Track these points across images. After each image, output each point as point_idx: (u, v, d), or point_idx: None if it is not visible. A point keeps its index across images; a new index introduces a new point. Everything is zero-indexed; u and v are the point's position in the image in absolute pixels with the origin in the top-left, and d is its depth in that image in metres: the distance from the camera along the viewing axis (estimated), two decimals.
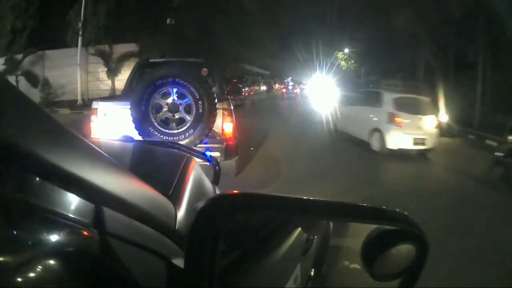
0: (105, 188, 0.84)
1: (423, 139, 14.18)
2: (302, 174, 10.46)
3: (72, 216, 0.77)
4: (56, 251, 0.73)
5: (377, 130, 14.75)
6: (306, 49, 76.95)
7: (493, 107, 26.32)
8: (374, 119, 15.14)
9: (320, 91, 30.34)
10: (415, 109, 14.66)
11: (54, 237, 0.73)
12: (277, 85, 74.43)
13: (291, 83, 77.62)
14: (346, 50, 56.93)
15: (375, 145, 14.76)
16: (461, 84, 29.84)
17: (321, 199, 1.20)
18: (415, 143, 14.09)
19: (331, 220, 1.36)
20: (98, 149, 0.93)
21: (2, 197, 0.67)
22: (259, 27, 49.41)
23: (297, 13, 57.01)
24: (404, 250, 1.23)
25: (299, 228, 1.31)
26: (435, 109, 17.37)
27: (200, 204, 1.06)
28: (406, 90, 16.98)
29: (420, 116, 14.53)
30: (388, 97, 15.08)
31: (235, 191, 1.15)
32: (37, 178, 0.72)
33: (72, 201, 0.79)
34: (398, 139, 14.08)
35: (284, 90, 64.98)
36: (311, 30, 71.96)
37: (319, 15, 62.69)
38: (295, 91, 60.77)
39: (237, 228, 1.15)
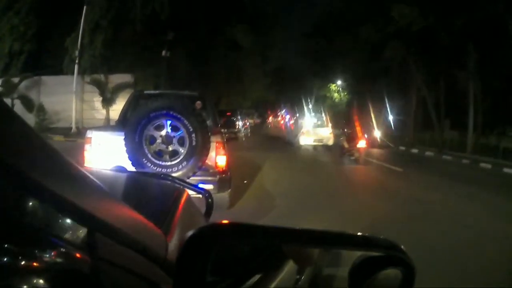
0: (98, 214, 0.87)
1: (320, 140, 28.55)
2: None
3: (65, 237, 0.80)
4: (46, 270, 0.75)
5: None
6: (299, 82, 77.68)
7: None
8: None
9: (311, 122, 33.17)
10: (318, 126, 30.33)
11: (45, 256, 0.75)
12: (271, 117, 74.55)
13: (287, 116, 77.63)
14: (339, 82, 57.40)
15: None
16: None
17: (307, 228, 1.24)
18: (314, 141, 28.47)
19: (317, 248, 1.39)
20: (92, 177, 0.97)
21: None
22: (252, 61, 49.78)
23: (289, 47, 57.60)
24: (391, 275, 1.26)
25: (290, 260, 1.34)
26: (329, 126, 30.73)
27: (189, 233, 1.10)
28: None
29: (319, 129, 29.74)
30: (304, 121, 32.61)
31: (224, 221, 1.18)
32: (32, 199, 0.74)
33: (66, 224, 0.81)
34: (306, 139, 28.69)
35: (282, 122, 64.18)
36: (303, 63, 72.65)
37: (311, 49, 63.30)
38: (290, 123, 60.71)
39: (227, 258, 1.18)
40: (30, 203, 0.74)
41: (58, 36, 29.46)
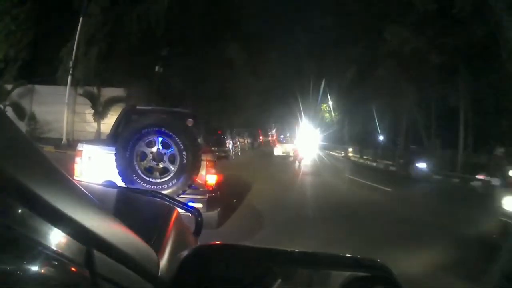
0: (94, 229, 0.89)
1: (285, 151, 39.56)
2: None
3: (61, 251, 0.80)
4: (42, 283, 0.76)
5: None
6: (290, 102, 77.69)
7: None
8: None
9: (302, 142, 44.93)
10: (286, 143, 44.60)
11: (42, 269, 0.75)
12: (261, 137, 74.35)
13: (281, 136, 77.70)
14: (330, 102, 57.62)
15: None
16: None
17: (297, 250, 1.27)
18: (282, 153, 39.34)
19: (306, 269, 1.41)
20: (86, 192, 1.00)
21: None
22: (245, 80, 49.79)
23: (282, 67, 57.95)
24: None
25: (279, 279, 1.36)
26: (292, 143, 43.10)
27: (184, 254, 1.13)
28: None
29: (287, 145, 42.39)
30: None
31: (217, 242, 1.21)
32: (33, 214, 0.76)
33: (62, 238, 0.82)
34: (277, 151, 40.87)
35: (272, 142, 63.70)
36: (296, 84, 72.79)
37: (303, 69, 63.52)
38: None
39: (219, 278, 1.21)
40: (26, 215, 0.75)
41: (53, 45, 29.39)
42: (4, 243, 0.71)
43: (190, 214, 2.74)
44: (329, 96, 57.02)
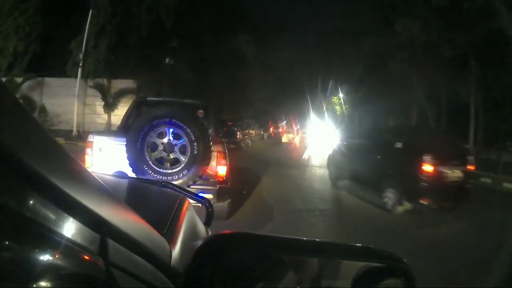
0: (108, 218, 0.89)
1: (290, 138, 55.13)
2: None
3: (75, 239, 0.80)
4: (56, 270, 0.75)
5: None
6: (300, 94, 77.52)
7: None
8: None
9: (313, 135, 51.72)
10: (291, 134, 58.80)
11: (55, 256, 0.75)
12: (272, 128, 74.30)
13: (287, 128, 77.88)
14: (341, 95, 57.43)
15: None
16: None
17: (312, 239, 1.26)
18: (287, 140, 54.44)
19: (320, 259, 1.40)
20: (100, 181, 0.99)
21: (12, 215, 0.70)
22: (255, 72, 49.77)
23: (293, 59, 58.12)
24: (392, 285, 1.29)
25: (290, 271, 1.35)
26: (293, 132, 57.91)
27: (198, 243, 1.11)
28: None
29: (290, 135, 58.09)
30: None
31: (230, 231, 1.20)
32: (47, 202, 0.75)
33: (76, 227, 0.82)
34: (284, 139, 54.81)
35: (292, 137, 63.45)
36: (306, 75, 72.60)
37: (314, 61, 63.28)
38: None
39: (231, 269, 1.20)
40: (41, 204, 0.75)
41: (63, 38, 29.47)
42: (18, 231, 0.71)
43: (200, 204, 2.73)
44: (339, 89, 56.78)
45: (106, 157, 7.48)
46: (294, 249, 1.29)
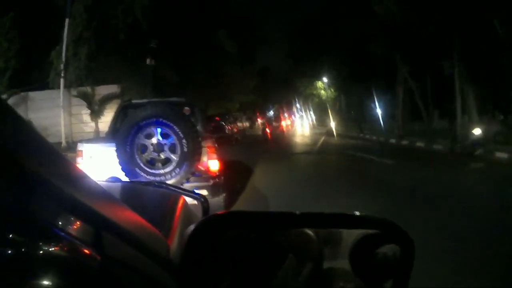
0: (104, 212, 0.90)
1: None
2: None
3: (73, 233, 0.80)
4: (54, 263, 0.76)
5: None
6: (285, 82, 77.87)
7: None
8: None
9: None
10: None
11: (53, 249, 0.75)
12: (259, 119, 74.49)
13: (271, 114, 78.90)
14: (325, 79, 57.60)
15: None
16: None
17: (303, 212, 1.26)
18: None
19: (314, 228, 1.40)
20: (95, 181, 0.99)
21: (5, 203, 0.71)
22: (238, 64, 49.83)
23: (275, 48, 58.81)
24: (390, 251, 1.30)
25: (291, 254, 1.35)
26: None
27: (190, 228, 1.11)
28: None
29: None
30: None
31: (223, 211, 1.21)
32: (39, 195, 0.76)
33: (73, 221, 0.82)
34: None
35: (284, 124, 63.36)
36: (289, 63, 72.86)
37: (297, 49, 63.46)
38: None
39: (230, 245, 1.20)
40: (37, 199, 0.75)
41: (42, 50, 29.25)
42: (15, 222, 0.72)
43: (196, 201, 2.73)
44: (324, 73, 56.91)
45: (98, 164, 7.47)
46: (288, 222, 1.30)
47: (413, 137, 31.37)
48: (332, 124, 46.27)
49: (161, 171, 6.58)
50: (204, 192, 7.07)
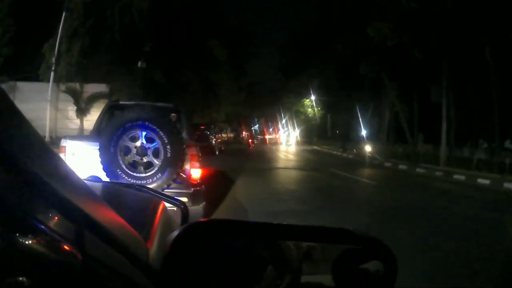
0: (86, 210, 0.89)
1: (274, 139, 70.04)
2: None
3: (53, 228, 0.80)
4: (34, 256, 0.76)
5: None
6: (273, 97, 78.13)
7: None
8: None
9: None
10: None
11: (34, 243, 0.75)
12: (244, 132, 74.69)
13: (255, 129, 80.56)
14: (313, 97, 57.86)
15: None
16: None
17: (287, 223, 1.27)
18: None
19: (296, 241, 1.40)
20: (80, 177, 1.00)
21: None
22: (228, 75, 49.93)
23: (265, 63, 59.19)
24: (373, 267, 1.31)
25: (270, 266, 1.36)
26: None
27: (174, 234, 1.12)
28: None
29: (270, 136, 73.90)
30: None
31: (207, 219, 1.22)
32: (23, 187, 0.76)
33: (55, 216, 0.82)
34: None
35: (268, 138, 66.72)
36: (278, 79, 73.15)
37: (286, 64, 63.72)
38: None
39: (209, 262, 1.20)
40: (17, 190, 0.75)
41: (36, 41, 29.10)
42: None
43: (175, 208, 2.73)
44: (312, 92, 57.16)
45: (80, 162, 7.39)
46: (269, 233, 1.30)
47: (396, 159, 31.57)
48: (315, 142, 46.89)
49: (143, 175, 6.54)
50: (184, 199, 7.04)
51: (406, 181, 21.23)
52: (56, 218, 0.82)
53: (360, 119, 40.76)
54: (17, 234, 0.74)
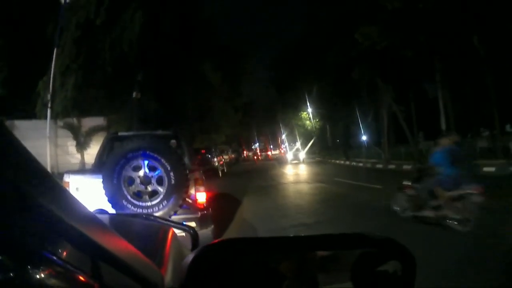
0: (100, 241, 0.89)
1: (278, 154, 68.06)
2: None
3: (68, 260, 0.80)
4: None
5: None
6: (270, 114, 78.33)
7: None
8: None
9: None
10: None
11: (49, 276, 0.75)
12: (245, 151, 74.83)
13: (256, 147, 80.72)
14: (310, 110, 57.95)
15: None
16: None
17: (303, 235, 1.27)
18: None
19: (312, 251, 1.40)
20: (89, 210, 1.00)
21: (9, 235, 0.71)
22: (223, 97, 50.03)
23: (259, 81, 59.48)
24: (391, 268, 1.30)
25: (287, 280, 1.35)
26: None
27: (189, 258, 1.12)
28: None
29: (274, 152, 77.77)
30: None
31: (219, 239, 1.21)
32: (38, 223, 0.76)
33: (69, 248, 0.82)
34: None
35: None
36: (273, 95, 73.38)
37: (280, 80, 63.95)
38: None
39: (226, 281, 1.20)
40: (29, 222, 0.75)
41: (30, 80, 29.20)
42: (8, 246, 0.71)
43: (185, 233, 2.73)
44: (308, 104, 57.25)
45: (84, 196, 7.38)
46: (284, 247, 1.30)
47: (399, 160, 31.45)
48: (317, 153, 47.03)
49: (149, 204, 6.53)
50: (192, 224, 7.04)
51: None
52: (69, 249, 0.83)
53: (360, 125, 40.83)
54: (30, 267, 0.73)
